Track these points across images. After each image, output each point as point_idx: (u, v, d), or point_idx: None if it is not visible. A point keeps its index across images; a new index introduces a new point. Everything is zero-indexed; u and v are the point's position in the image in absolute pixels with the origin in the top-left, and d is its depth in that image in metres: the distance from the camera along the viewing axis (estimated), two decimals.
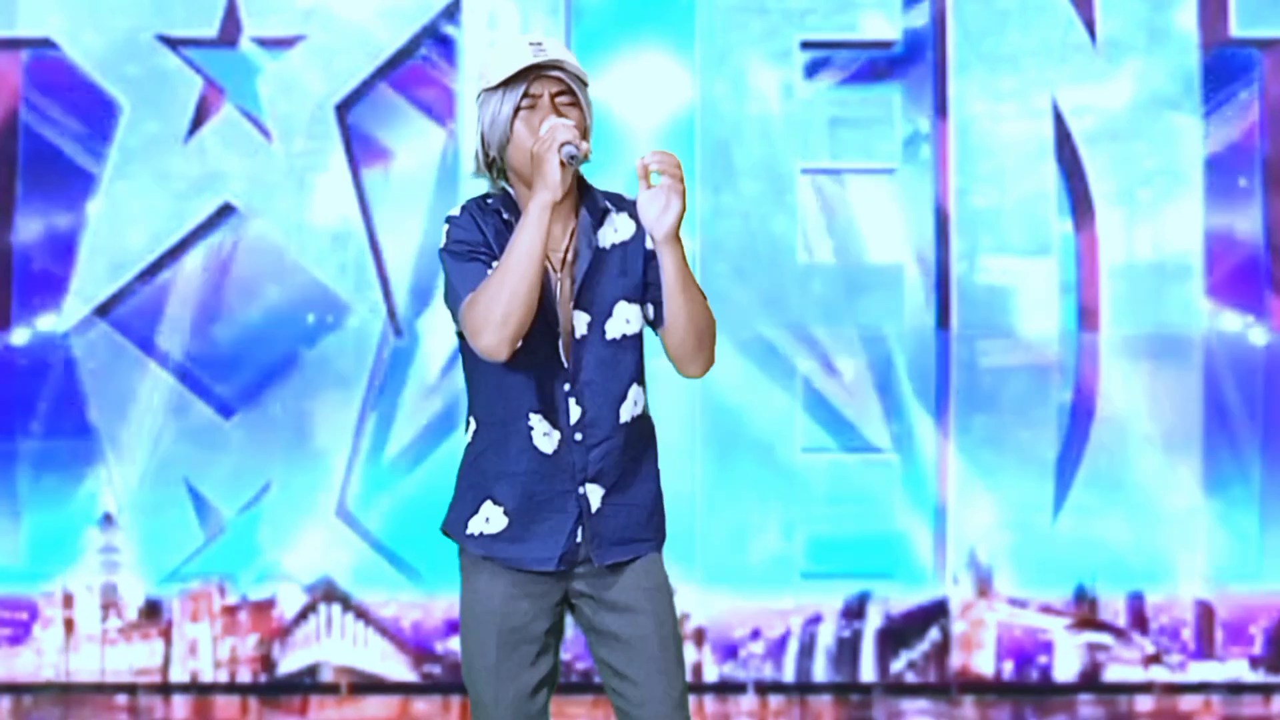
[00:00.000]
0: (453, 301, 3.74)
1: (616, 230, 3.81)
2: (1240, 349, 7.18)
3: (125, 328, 7.19)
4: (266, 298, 7.20)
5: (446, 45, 7.21)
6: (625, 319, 3.78)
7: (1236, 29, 7.17)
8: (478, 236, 3.74)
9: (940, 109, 7.18)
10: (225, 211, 7.19)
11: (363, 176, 7.20)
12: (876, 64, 7.21)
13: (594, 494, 3.77)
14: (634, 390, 3.80)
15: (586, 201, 3.82)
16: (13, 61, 7.21)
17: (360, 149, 7.20)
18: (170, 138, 7.19)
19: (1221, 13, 7.17)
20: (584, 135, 3.74)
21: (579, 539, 3.77)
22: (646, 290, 3.79)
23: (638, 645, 3.78)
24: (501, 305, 3.61)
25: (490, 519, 3.81)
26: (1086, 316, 7.18)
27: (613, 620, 3.79)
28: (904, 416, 7.19)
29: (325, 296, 7.19)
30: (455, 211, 3.80)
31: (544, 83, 3.74)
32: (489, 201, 3.81)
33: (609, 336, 3.77)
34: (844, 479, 7.17)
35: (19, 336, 7.20)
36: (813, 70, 7.20)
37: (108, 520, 7.19)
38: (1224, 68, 7.18)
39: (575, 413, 3.75)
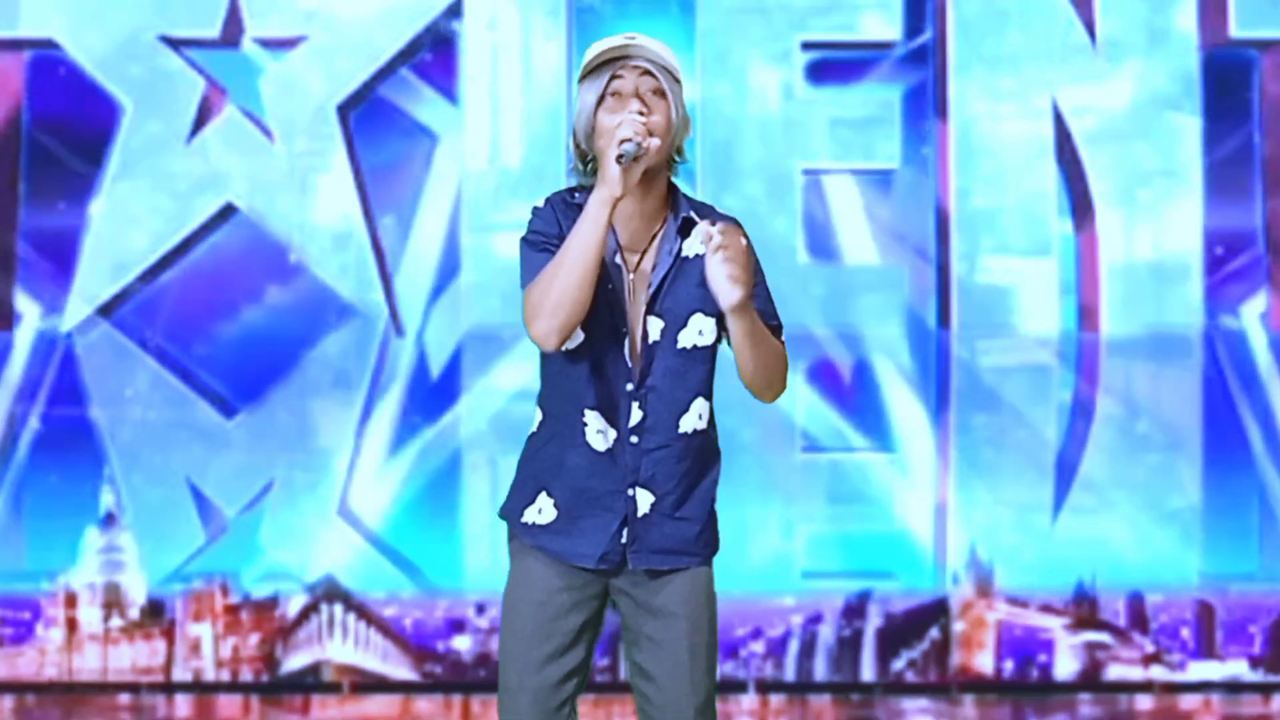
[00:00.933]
0: (521, 285, 3.77)
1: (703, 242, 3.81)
2: (1239, 348, 7.18)
3: (127, 327, 7.20)
4: (268, 298, 7.21)
5: (448, 46, 7.22)
6: (699, 330, 3.78)
7: (1236, 30, 7.18)
8: (554, 229, 3.76)
9: (940, 109, 7.19)
10: (227, 212, 7.21)
11: (364, 177, 7.21)
12: (877, 65, 7.22)
13: (643, 499, 3.78)
14: (698, 403, 3.80)
15: (676, 208, 3.83)
16: (15, 62, 7.22)
17: (362, 149, 7.21)
18: (172, 138, 7.20)
19: (1221, 14, 7.17)
20: (665, 131, 3.74)
21: (623, 540, 3.78)
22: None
23: (668, 649, 3.79)
24: (553, 296, 3.63)
25: (543, 510, 3.82)
26: (1086, 316, 7.19)
27: (648, 623, 3.81)
28: (904, 416, 7.19)
29: (327, 296, 7.20)
30: (540, 203, 3.83)
31: (630, 72, 3.77)
32: (575, 196, 3.82)
33: (680, 345, 3.77)
34: (844, 478, 7.18)
35: (22, 336, 7.21)
36: (813, 71, 7.21)
37: (110, 520, 7.20)
38: (1223, 68, 7.19)
39: (635, 416, 3.76)
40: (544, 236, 3.77)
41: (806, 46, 7.21)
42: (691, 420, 3.79)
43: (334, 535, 7.20)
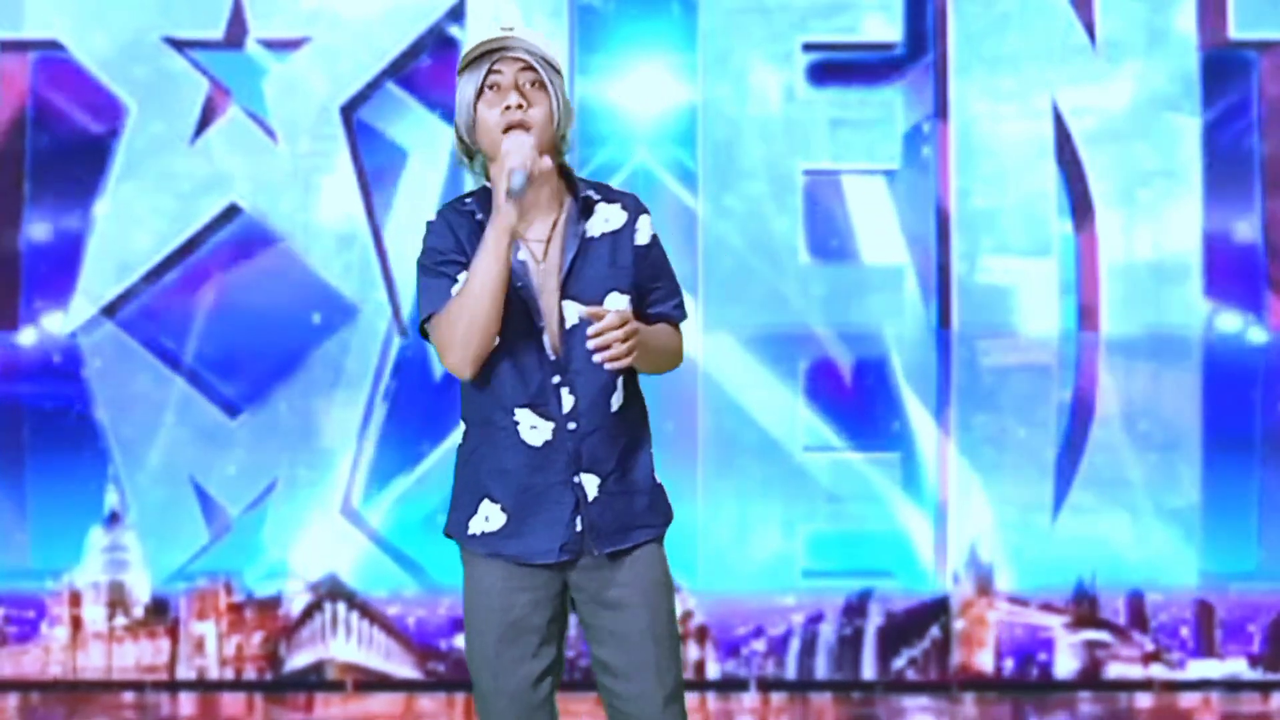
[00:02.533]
0: (420, 315, 3.77)
1: (607, 220, 3.81)
2: (1239, 348, 7.19)
3: (132, 328, 7.22)
4: (272, 298, 7.22)
5: (451, 47, 7.24)
6: (616, 308, 3.75)
7: (1235, 31, 7.18)
8: (450, 242, 3.75)
9: (941, 110, 7.20)
10: (231, 212, 7.22)
11: (368, 177, 7.22)
12: (877, 65, 7.23)
13: (589, 483, 3.77)
14: (623, 378, 3.80)
15: (572, 191, 3.82)
16: (20, 63, 7.24)
17: (365, 150, 7.23)
18: (176, 139, 7.22)
19: (1220, 15, 7.18)
20: (548, 123, 3.71)
21: (579, 528, 3.77)
22: (639, 290, 3.80)
23: (630, 641, 3.77)
24: (460, 329, 3.64)
25: (490, 517, 3.81)
26: (1086, 316, 7.20)
27: (607, 617, 3.79)
28: (905, 415, 7.20)
29: (331, 297, 7.22)
30: (432, 217, 3.82)
31: (508, 64, 3.74)
32: (466, 203, 3.81)
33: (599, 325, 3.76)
34: (845, 477, 7.19)
35: (27, 336, 7.22)
36: (814, 72, 7.22)
37: (114, 519, 7.21)
38: (1223, 69, 7.20)
39: (568, 402, 3.75)
40: (440, 253, 3.75)
41: (808, 48, 7.22)
42: (620, 396, 3.79)
43: (337, 534, 7.22)
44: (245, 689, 7.21)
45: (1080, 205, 7.20)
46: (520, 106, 3.70)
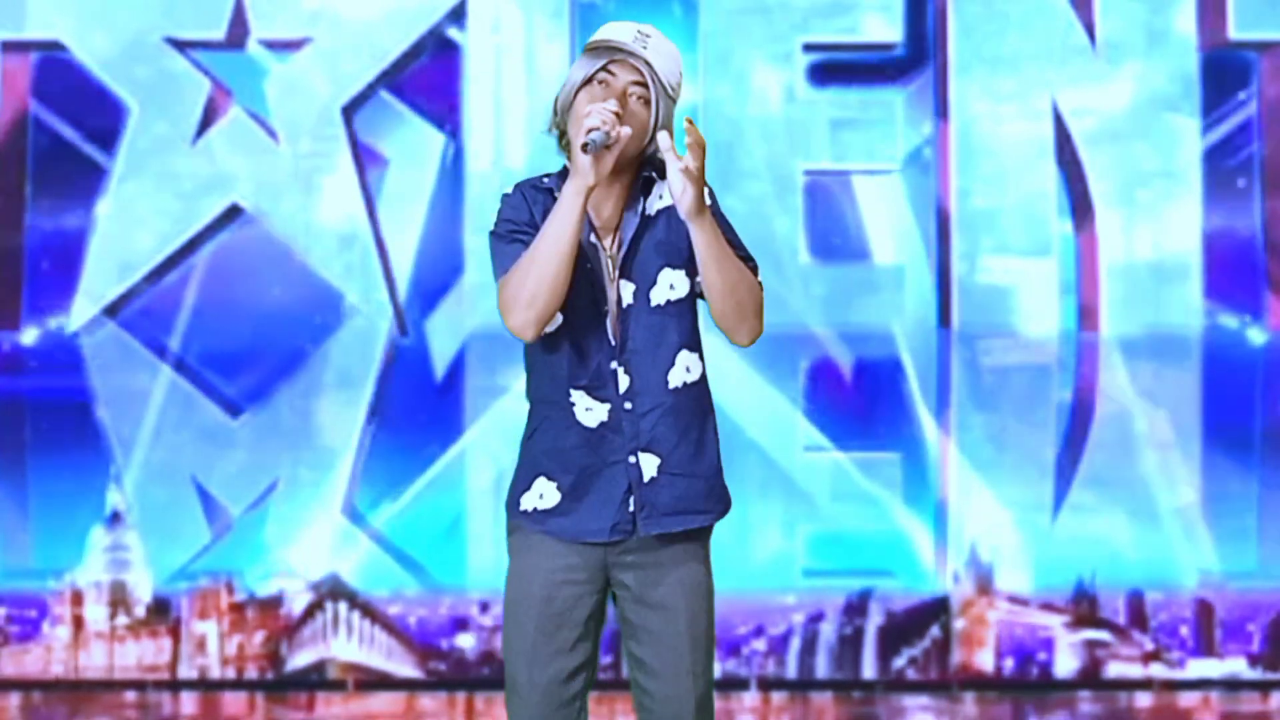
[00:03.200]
0: (495, 278, 3.77)
1: (662, 197, 3.81)
2: (1238, 348, 7.20)
3: (134, 327, 7.23)
4: (273, 298, 7.23)
5: (452, 48, 7.25)
6: (670, 284, 3.77)
7: (1235, 31, 7.19)
8: (525, 215, 3.76)
9: (941, 110, 7.21)
10: (233, 212, 7.23)
11: (369, 178, 7.23)
12: (878, 66, 7.24)
13: (648, 463, 3.76)
14: (684, 356, 3.78)
15: (640, 173, 3.81)
16: (22, 63, 7.25)
17: (367, 151, 7.24)
18: (178, 139, 7.23)
19: (1220, 15, 7.19)
20: (640, 135, 3.71)
21: (631, 508, 3.76)
22: (691, 260, 3.76)
23: (667, 642, 3.77)
24: (529, 287, 3.64)
25: (544, 495, 3.80)
26: (1086, 316, 7.20)
27: (647, 615, 3.79)
28: (905, 415, 7.21)
29: (332, 297, 7.23)
30: (509, 190, 3.83)
31: (626, 70, 3.73)
32: (545, 180, 3.82)
33: (654, 303, 3.76)
34: (846, 477, 7.20)
35: (28, 336, 7.23)
36: (815, 72, 7.23)
37: (116, 518, 7.22)
38: (1222, 70, 7.21)
39: (624, 382, 3.75)
40: (514, 225, 3.76)
41: (808, 48, 7.23)
42: (680, 374, 3.78)
43: (338, 534, 7.23)
44: (247, 688, 7.22)
45: (1080, 205, 7.21)
46: (617, 114, 3.67)
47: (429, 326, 7.20)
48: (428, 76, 7.25)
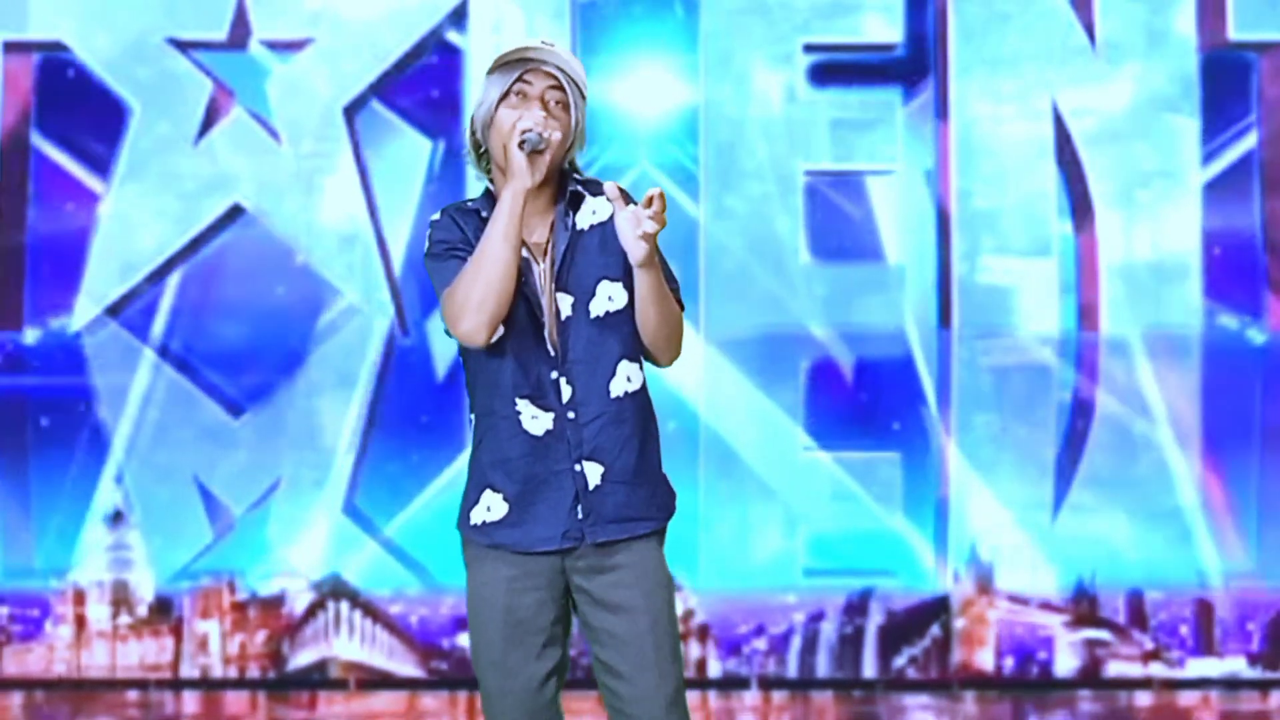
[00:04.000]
0: (438, 299, 3.80)
1: (595, 212, 3.86)
2: (1238, 348, 7.21)
3: (136, 327, 7.24)
4: (275, 298, 7.24)
5: (453, 49, 7.26)
6: (608, 296, 3.81)
7: (1234, 32, 7.20)
8: (457, 234, 3.80)
9: (941, 111, 7.22)
10: (235, 213, 7.25)
11: (370, 178, 7.25)
12: (878, 66, 7.25)
13: (592, 471, 3.80)
14: (624, 365, 3.83)
15: (564, 188, 3.86)
16: (24, 64, 7.26)
17: (368, 151, 7.25)
18: (180, 139, 7.24)
19: (1220, 16, 7.20)
20: (562, 142, 3.78)
21: (579, 515, 3.79)
22: (629, 272, 3.82)
23: (632, 644, 3.79)
24: (477, 290, 3.67)
25: (491, 507, 3.83)
26: (1086, 316, 7.22)
27: (608, 619, 3.81)
28: (906, 415, 7.22)
29: (333, 296, 7.24)
30: (436, 216, 3.87)
31: (540, 77, 3.80)
32: (469, 203, 3.87)
33: (594, 315, 3.80)
34: (846, 477, 7.21)
35: (31, 336, 7.25)
36: (815, 73, 7.25)
37: (118, 517, 7.23)
38: (1222, 70, 7.22)
39: (566, 392, 3.79)
40: (448, 244, 3.80)
41: (809, 49, 7.24)
42: (621, 384, 3.82)
43: (340, 533, 7.24)
44: (249, 687, 7.23)
45: (1080, 206, 7.22)
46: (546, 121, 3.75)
47: (430, 326, 7.21)
48: (429, 77, 7.26)
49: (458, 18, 7.26)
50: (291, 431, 7.24)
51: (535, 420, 3.79)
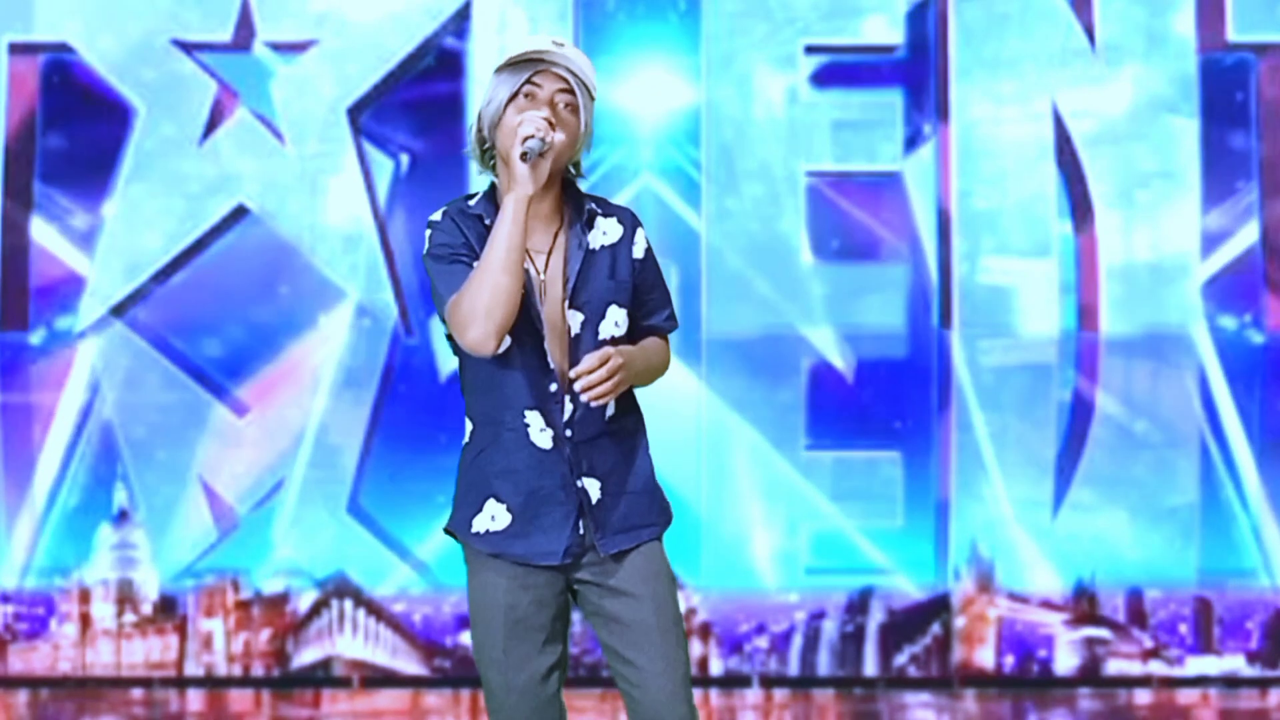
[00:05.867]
0: (439, 303, 3.80)
1: (605, 234, 3.86)
2: (1237, 348, 7.23)
3: (141, 327, 7.26)
4: (280, 298, 7.27)
5: (456, 49, 7.28)
6: (615, 322, 3.83)
7: (1233, 34, 7.23)
8: (459, 239, 3.79)
9: (942, 112, 7.24)
10: (239, 213, 7.27)
11: (374, 178, 7.26)
12: (879, 68, 7.27)
13: (592, 487, 3.82)
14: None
15: (572, 203, 3.86)
16: (30, 65, 7.28)
17: (372, 151, 7.27)
18: (185, 140, 7.26)
19: (1218, 18, 7.22)
20: (570, 145, 3.77)
21: (582, 530, 3.82)
22: (634, 301, 3.85)
23: (639, 630, 3.81)
24: (485, 299, 3.66)
25: (495, 516, 3.84)
26: (1086, 316, 7.23)
27: (615, 604, 3.83)
28: (906, 414, 7.24)
29: (338, 296, 7.26)
30: (436, 216, 3.86)
31: (550, 79, 3.78)
32: (470, 205, 3.86)
33: (601, 336, 3.81)
34: (847, 476, 7.22)
35: (36, 336, 7.27)
36: (817, 74, 7.26)
37: (123, 517, 7.25)
38: (1221, 72, 7.24)
39: (568, 410, 3.80)
40: (451, 248, 3.79)
41: (810, 50, 7.26)
42: (616, 404, 3.84)
43: (344, 532, 7.25)
44: (253, 685, 7.25)
45: (1080, 206, 7.24)
46: (548, 120, 3.73)
47: (433, 326, 7.23)
48: (432, 77, 7.27)
49: (461, 18, 7.28)
50: (295, 431, 7.26)
51: (543, 433, 3.81)
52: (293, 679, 7.25)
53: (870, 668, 7.24)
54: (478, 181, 4.01)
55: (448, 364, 7.21)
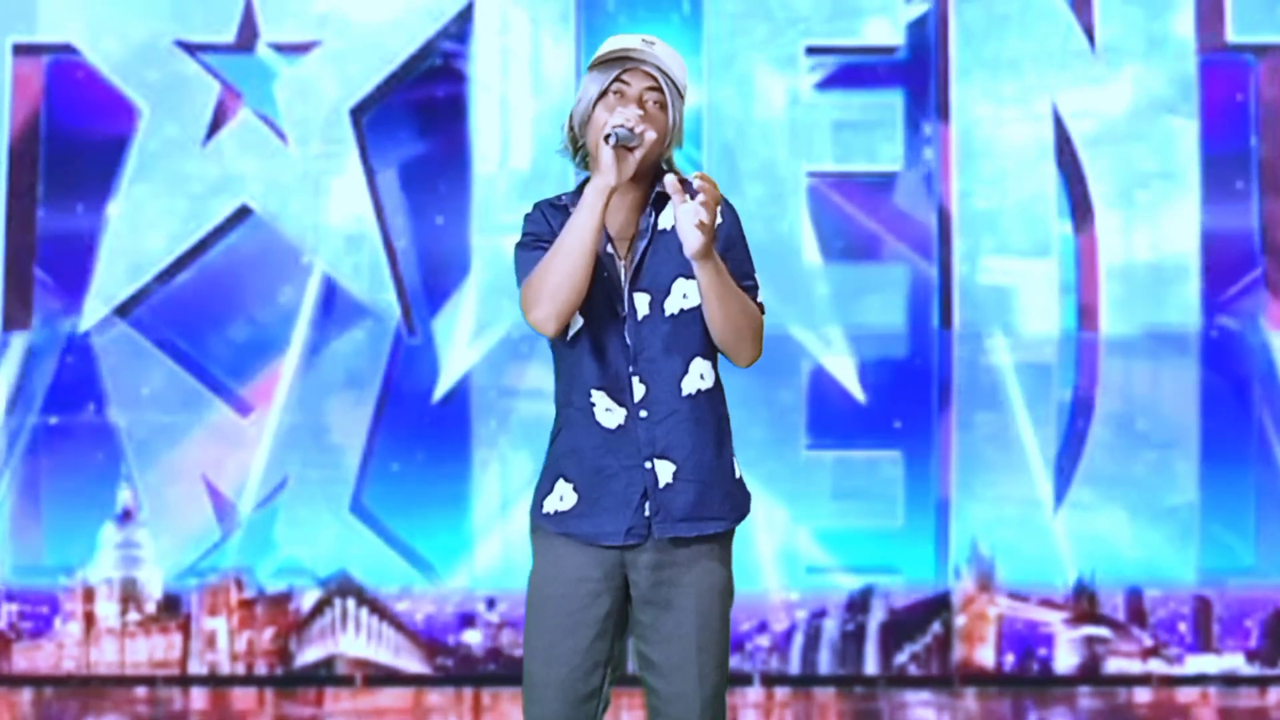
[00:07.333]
0: (518, 282, 3.83)
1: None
2: (1237, 348, 7.24)
3: (144, 327, 7.28)
4: (283, 298, 7.28)
5: (459, 50, 7.29)
6: (683, 294, 3.82)
7: (1233, 35, 7.24)
8: (545, 229, 3.83)
9: (942, 113, 7.25)
10: (242, 213, 7.28)
11: (377, 179, 7.28)
12: (880, 68, 7.28)
13: (663, 469, 3.80)
14: (697, 363, 3.84)
15: (653, 186, 3.86)
16: (34, 66, 7.29)
17: (375, 152, 7.28)
18: (188, 141, 7.28)
19: (1218, 19, 7.23)
20: (659, 141, 3.78)
21: (646, 513, 3.79)
22: None
23: (677, 644, 3.80)
24: (550, 281, 3.70)
25: (563, 497, 3.84)
26: (1086, 316, 7.24)
27: (655, 615, 3.82)
28: (907, 414, 7.25)
29: (341, 296, 7.27)
30: (530, 209, 3.90)
31: (639, 77, 3.81)
32: (561, 199, 3.89)
33: (669, 313, 3.81)
34: (848, 475, 7.24)
35: (40, 336, 7.28)
36: (817, 75, 7.27)
37: (127, 516, 7.26)
38: (1220, 72, 7.25)
39: (639, 390, 3.80)
40: (535, 236, 3.83)
41: (811, 51, 7.28)
42: (694, 381, 3.83)
43: (347, 531, 7.26)
44: (256, 684, 7.26)
45: (1080, 206, 7.25)
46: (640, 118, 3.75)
47: (436, 326, 7.24)
48: (435, 77, 7.29)
49: (464, 19, 7.29)
50: (299, 431, 7.27)
51: (609, 413, 3.81)
52: (296, 677, 7.26)
53: (871, 666, 7.25)
54: (481, 183, 4.03)
55: (449, 363, 7.22)
